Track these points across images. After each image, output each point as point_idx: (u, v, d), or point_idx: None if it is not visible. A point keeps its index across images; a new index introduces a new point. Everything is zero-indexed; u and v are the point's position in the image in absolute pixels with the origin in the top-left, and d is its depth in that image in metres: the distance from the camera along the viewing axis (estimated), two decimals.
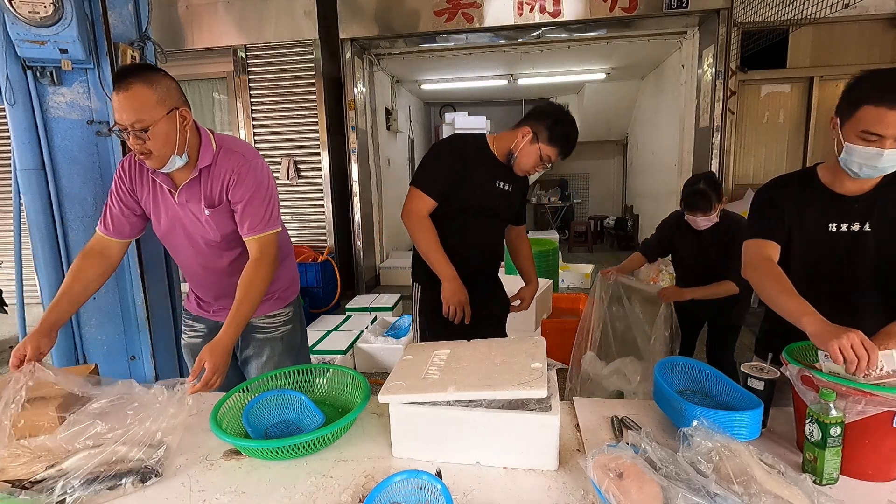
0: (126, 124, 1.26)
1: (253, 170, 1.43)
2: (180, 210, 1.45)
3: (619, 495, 0.83)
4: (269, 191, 1.47)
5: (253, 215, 1.43)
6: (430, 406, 1.07)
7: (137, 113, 1.26)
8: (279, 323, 1.67)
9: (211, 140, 1.44)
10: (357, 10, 4.88)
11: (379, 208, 6.11)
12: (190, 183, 1.42)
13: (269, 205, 1.46)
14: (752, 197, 1.52)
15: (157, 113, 1.28)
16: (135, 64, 1.32)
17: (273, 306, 1.65)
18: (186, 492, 1.02)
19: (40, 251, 1.95)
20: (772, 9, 4.09)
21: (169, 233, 1.51)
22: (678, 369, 1.31)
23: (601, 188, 9.84)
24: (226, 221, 1.47)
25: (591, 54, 6.11)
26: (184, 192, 1.43)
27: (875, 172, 1.26)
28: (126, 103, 1.25)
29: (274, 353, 1.66)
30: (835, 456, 0.95)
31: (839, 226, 1.35)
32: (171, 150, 1.33)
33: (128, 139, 1.30)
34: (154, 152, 1.31)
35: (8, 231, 5.60)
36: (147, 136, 1.28)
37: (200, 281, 1.59)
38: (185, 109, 1.36)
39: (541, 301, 2.60)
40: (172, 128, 1.32)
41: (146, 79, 1.27)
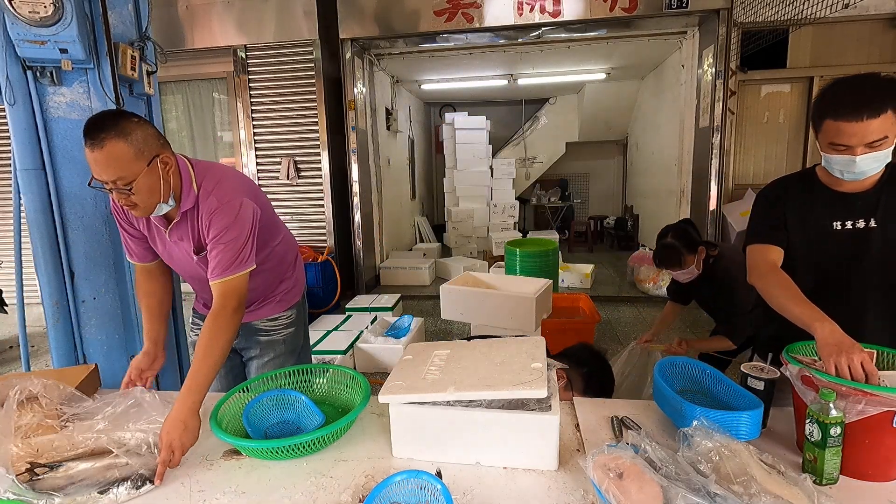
0: (107, 181, 1.20)
1: (224, 213, 1.34)
2: (174, 246, 1.45)
3: (619, 495, 0.83)
4: (240, 232, 1.35)
5: (219, 259, 1.32)
6: (430, 406, 1.07)
7: (117, 171, 1.19)
8: (281, 326, 1.67)
9: (192, 181, 1.36)
10: (357, 10, 4.88)
11: (379, 208, 6.11)
12: (179, 223, 1.39)
13: (238, 248, 1.34)
14: (754, 199, 1.52)
15: (137, 167, 1.21)
16: (104, 113, 1.22)
17: (276, 309, 1.65)
18: (186, 492, 1.02)
19: (40, 251, 1.95)
20: (772, 9, 4.09)
21: (168, 259, 1.52)
22: (678, 369, 1.31)
23: (601, 188, 9.85)
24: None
25: (591, 54, 6.11)
26: (174, 231, 1.41)
27: (859, 175, 1.27)
28: (103, 162, 1.17)
29: (276, 355, 1.67)
30: (835, 456, 0.95)
31: (844, 223, 1.35)
32: (156, 199, 1.29)
33: (110, 194, 1.25)
34: (140, 204, 1.26)
35: (8, 231, 5.60)
36: (130, 191, 1.22)
37: (205, 294, 1.58)
38: (165, 155, 1.29)
39: (541, 301, 2.60)
40: (155, 178, 1.26)
41: (120, 132, 1.18)
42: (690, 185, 5.26)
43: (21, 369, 2.50)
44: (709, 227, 4.86)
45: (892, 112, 1.16)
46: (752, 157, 5.12)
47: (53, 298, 1.97)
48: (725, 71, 4.53)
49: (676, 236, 2.15)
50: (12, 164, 1.95)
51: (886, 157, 1.23)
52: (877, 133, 1.17)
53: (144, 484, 1.02)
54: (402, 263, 6.12)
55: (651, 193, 7.23)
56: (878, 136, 1.18)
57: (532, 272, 4.04)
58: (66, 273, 1.98)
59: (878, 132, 1.17)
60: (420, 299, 5.46)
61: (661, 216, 6.56)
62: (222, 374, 1.71)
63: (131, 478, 1.02)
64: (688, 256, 2.13)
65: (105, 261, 2.03)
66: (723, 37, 4.48)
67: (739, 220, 4.81)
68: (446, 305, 2.83)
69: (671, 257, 2.13)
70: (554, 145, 9.05)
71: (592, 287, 5.63)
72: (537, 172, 9.24)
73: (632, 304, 5.06)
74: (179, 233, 1.41)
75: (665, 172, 6.29)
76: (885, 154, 1.21)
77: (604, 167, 9.75)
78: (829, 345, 1.05)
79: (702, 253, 2.16)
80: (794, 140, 5.03)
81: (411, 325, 3.75)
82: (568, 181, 9.62)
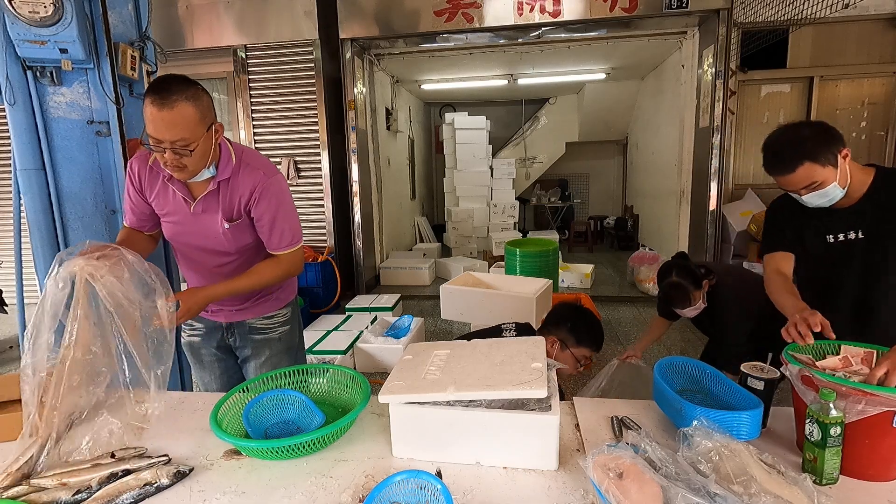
0: (166, 140, 1.23)
1: (276, 186, 1.43)
2: (194, 219, 1.44)
3: (619, 495, 0.83)
4: (292, 206, 1.49)
5: (282, 232, 1.46)
6: (430, 406, 1.07)
7: (182, 132, 1.23)
8: (277, 324, 1.68)
9: (231, 152, 1.42)
10: (357, 10, 4.88)
11: (379, 208, 6.11)
12: (208, 195, 1.41)
13: (295, 221, 1.49)
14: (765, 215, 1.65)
15: (199, 131, 1.26)
16: (173, 76, 1.26)
17: (271, 307, 1.66)
18: (186, 491, 1.02)
19: (40, 251, 1.95)
20: (772, 9, 4.09)
21: (178, 237, 1.51)
22: (678, 369, 1.31)
23: (601, 188, 9.85)
24: (243, 235, 1.48)
25: (591, 54, 6.11)
26: (201, 202, 1.42)
27: (822, 204, 1.42)
28: (170, 121, 1.21)
29: (272, 353, 1.67)
30: (835, 456, 0.95)
31: (836, 236, 1.47)
32: (205, 163, 1.34)
33: (161, 153, 1.26)
34: (190, 167, 1.30)
35: (8, 231, 5.60)
36: (188, 153, 1.26)
37: (203, 283, 1.57)
38: (219, 124, 1.35)
39: (541, 301, 2.60)
40: (209, 144, 1.31)
41: (190, 96, 1.24)
42: (690, 185, 5.26)
43: None
44: (709, 227, 4.86)
45: (811, 162, 1.33)
46: (752, 157, 5.12)
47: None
48: (725, 71, 4.53)
49: (681, 275, 2.10)
50: (12, 164, 1.95)
51: (834, 191, 1.37)
52: (803, 181, 1.35)
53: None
54: (402, 263, 6.12)
55: (651, 193, 7.23)
56: (807, 183, 1.35)
57: (532, 272, 4.04)
58: None
59: (804, 180, 1.35)
60: (420, 299, 5.46)
61: (661, 216, 6.57)
62: (216, 375, 1.72)
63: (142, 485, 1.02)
64: (695, 293, 2.09)
65: None
66: (723, 37, 4.47)
67: (739, 220, 4.81)
68: (446, 305, 2.83)
69: (680, 297, 2.09)
70: (554, 145, 9.05)
71: (592, 287, 5.64)
72: (537, 172, 9.24)
73: (632, 304, 5.06)
74: (207, 203, 1.42)
75: (665, 172, 6.29)
76: (828, 191, 1.37)
77: (604, 167, 9.75)
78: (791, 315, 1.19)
79: (706, 286, 2.13)
80: None
81: (411, 325, 3.75)
82: (568, 181, 9.62)
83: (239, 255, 1.52)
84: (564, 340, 1.68)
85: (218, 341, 1.67)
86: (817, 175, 1.34)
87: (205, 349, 1.68)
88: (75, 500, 0.98)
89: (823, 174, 1.34)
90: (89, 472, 1.04)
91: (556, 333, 1.70)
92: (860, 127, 4.89)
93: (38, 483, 1.01)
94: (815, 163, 1.33)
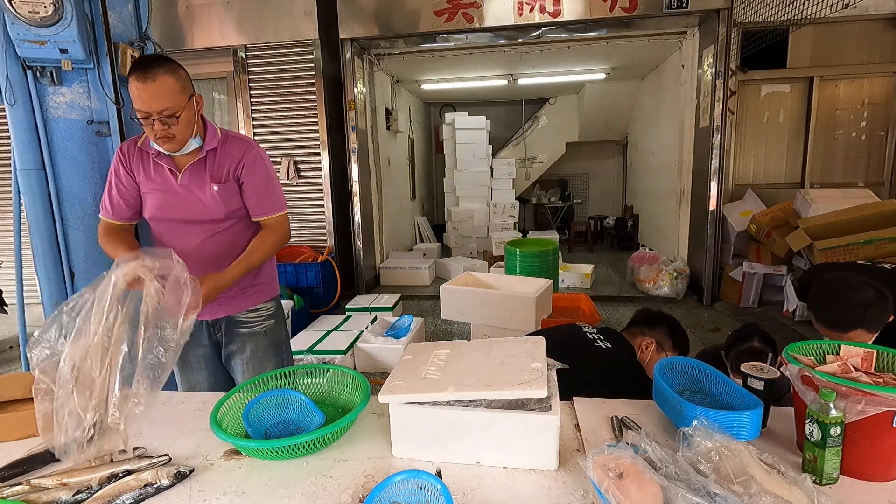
0: (153, 111, 1.34)
1: (261, 156, 1.57)
2: (181, 190, 1.51)
3: (619, 495, 0.83)
4: (275, 176, 1.62)
5: (269, 197, 1.56)
6: (430, 406, 1.07)
7: (166, 101, 1.35)
8: (262, 317, 1.70)
9: (216, 128, 1.54)
10: (357, 10, 4.88)
11: (379, 208, 6.11)
12: (195, 164, 1.50)
13: (280, 189, 1.62)
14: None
15: (181, 100, 1.38)
16: (153, 55, 1.43)
17: (255, 300, 1.68)
18: (186, 491, 1.02)
19: (40, 251, 1.95)
20: (772, 9, 4.09)
21: (163, 213, 1.54)
22: (678, 369, 1.31)
23: (601, 188, 9.85)
24: (231, 198, 1.55)
25: (591, 54, 6.11)
26: (187, 173, 1.50)
27: None
28: (154, 92, 1.33)
29: (258, 348, 1.68)
30: (835, 456, 0.95)
31: None
32: (190, 133, 1.44)
33: (150, 126, 1.37)
34: (177, 136, 1.41)
35: (8, 231, 5.60)
36: (175, 121, 1.37)
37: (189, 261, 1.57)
38: (198, 96, 1.47)
39: (541, 301, 2.60)
40: (192, 113, 1.43)
41: (169, 69, 1.36)
42: (690, 185, 5.26)
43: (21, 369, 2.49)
44: (709, 227, 4.86)
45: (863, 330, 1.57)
46: (752, 157, 5.12)
47: (53, 298, 1.97)
48: (725, 71, 4.53)
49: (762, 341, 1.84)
50: (12, 164, 1.95)
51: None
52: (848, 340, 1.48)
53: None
54: (402, 263, 6.12)
55: (651, 193, 7.23)
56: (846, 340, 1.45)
57: (532, 272, 4.04)
58: (66, 273, 1.99)
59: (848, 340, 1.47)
60: (420, 299, 5.46)
61: (661, 216, 6.57)
62: (205, 375, 1.71)
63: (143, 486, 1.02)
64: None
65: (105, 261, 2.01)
66: (723, 37, 4.48)
67: (739, 220, 4.81)
68: (446, 305, 2.83)
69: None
70: (554, 145, 9.05)
71: (592, 287, 5.63)
72: (537, 172, 9.24)
73: (632, 304, 5.06)
74: (194, 172, 1.51)
75: (665, 172, 6.30)
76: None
77: (604, 167, 9.75)
78: None
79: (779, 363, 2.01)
80: (794, 140, 5.03)
81: (411, 325, 3.75)
82: (568, 181, 9.63)
83: (228, 221, 1.57)
84: (661, 343, 1.73)
85: (204, 340, 1.68)
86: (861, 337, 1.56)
87: (191, 350, 1.67)
88: (75, 500, 0.98)
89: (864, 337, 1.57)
90: (89, 473, 1.04)
91: (654, 335, 1.75)
92: (860, 127, 4.89)
93: (38, 483, 1.01)
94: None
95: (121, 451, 1.12)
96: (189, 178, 1.51)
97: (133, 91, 1.34)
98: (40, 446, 1.14)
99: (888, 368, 1.10)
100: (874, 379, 1.05)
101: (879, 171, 4.96)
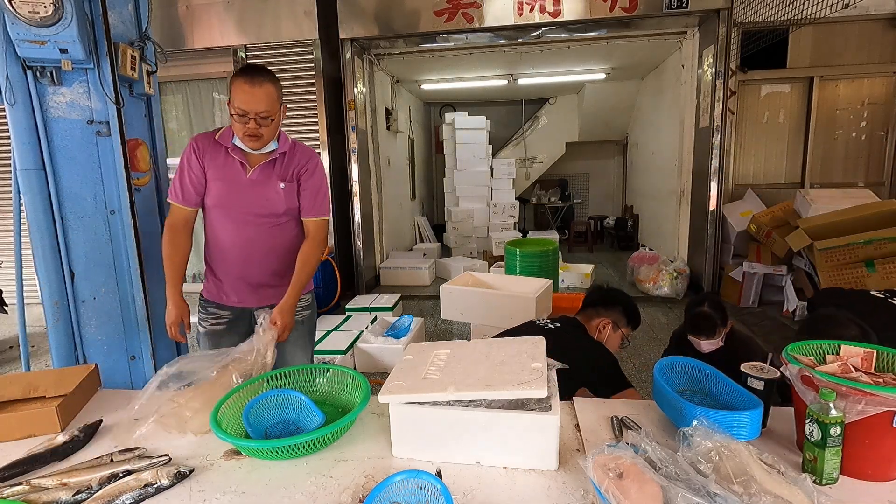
0: (252, 111, 1.54)
1: (321, 165, 1.80)
2: (249, 184, 1.68)
3: (619, 495, 0.83)
4: (328, 186, 1.85)
5: (321, 202, 1.77)
6: (430, 406, 1.07)
7: (265, 105, 1.55)
8: (301, 308, 1.82)
9: (286, 135, 1.75)
10: (357, 10, 4.88)
11: (379, 208, 6.11)
12: (266, 163, 1.69)
13: (328, 197, 1.82)
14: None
15: (276, 107, 1.59)
16: (259, 65, 1.62)
17: None
18: (186, 491, 1.02)
19: (40, 251, 1.95)
20: (772, 9, 4.09)
21: (226, 202, 1.69)
22: (678, 369, 1.31)
23: (601, 188, 9.84)
24: (292, 196, 1.74)
25: (591, 54, 6.11)
26: (258, 170, 1.68)
27: None
28: (260, 96, 1.54)
29: (298, 336, 1.82)
30: (835, 456, 0.95)
31: None
32: (273, 136, 1.65)
33: (244, 123, 1.56)
34: (264, 136, 1.60)
35: (8, 231, 5.60)
36: (267, 122, 1.57)
37: (240, 258, 1.74)
38: (285, 106, 1.68)
39: (541, 301, 2.60)
40: (279, 120, 1.64)
41: (273, 79, 1.58)
42: (690, 185, 5.26)
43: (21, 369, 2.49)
44: (709, 227, 4.86)
45: None
46: (752, 157, 5.12)
47: (53, 298, 1.97)
48: (725, 71, 4.53)
49: (713, 306, 2.14)
50: (12, 164, 1.95)
51: None
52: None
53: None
54: (402, 263, 6.12)
55: (651, 193, 7.23)
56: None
57: (532, 272, 4.03)
58: (66, 273, 1.99)
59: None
60: (420, 299, 5.46)
61: (661, 216, 6.57)
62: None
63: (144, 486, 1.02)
64: (720, 328, 2.13)
65: (105, 261, 2.03)
66: (723, 37, 4.48)
67: (739, 220, 4.81)
68: (446, 305, 2.83)
69: (708, 326, 2.13)
70: (554, 145, 9.05)
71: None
72: (537, 172, 9.24)
73: None
74: (264, 171, 1.69)
75: (665, 172, 6.29)
76: None
77: (604, 167, 9.75)
78: None
79: (729, 327, 2.18)
80: (794, 140, 5.03)
81: (411, 325, 3.75)
82: (568, 181, 9.62)
83: (284, 217, 1.75)
84: (617, 322, 1.81)
85: (244, 327, 1.79)
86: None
87: (227, 337, 1.78)
88: (75, 500, 0.98)
89: None
90: (89, 473, 1.04)
91: (609, 315, 1.82)
92: (860, 127, 4.89)
93: (38, 483, 1.01)
94: None
95: (121, 450, 1.12)
96: (259, 175, 1.68)
97: (238, 91, 1.53)
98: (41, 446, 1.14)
99: (888, 368, 1.10)
100: (874, 379, 1.05)
101: (879, 171, 4.96)
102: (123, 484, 1.00)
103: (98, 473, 1.03)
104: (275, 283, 1.78)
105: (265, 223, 1.72)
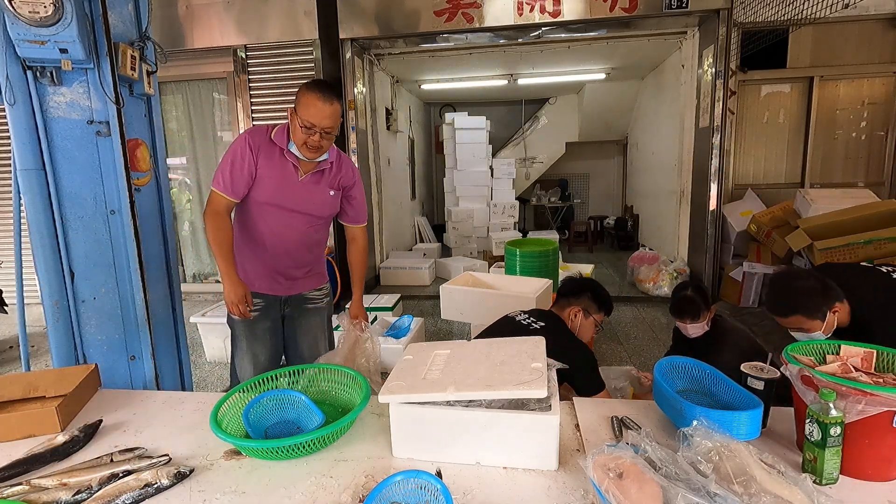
0: (319, 126, 1.68)
1: (360, 176, 2.02)
2: (300, 185, 1.84)
3: (619, 495, 0.83)
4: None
5: (364, 210, 2.06)
6: (430, 406, 1.07)
7: (332, 122, 1.70)
8: (323, 295, 2.09)
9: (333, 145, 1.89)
10: (357, 10, 4.88)
11: (379, 208, 6.10)
12: (317, 171, 1.86)
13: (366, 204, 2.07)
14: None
15: (338, 124, 1.75)
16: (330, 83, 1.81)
17: (319, 280, 2.07)
18: (186, 491, 1.02)
19: (40, 251, 1.95)
20: (772, 9, 4.09)
21: (279, 199, 1.83)
22: (678, 369, 1.31)
23: (601, 188, 9.84)
24: (336, 203, 1.97)
25: (591, 54, 6.11)
26: (310, 175, 1.85)
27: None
28: (330, 114, 1.69)
29: (321, 320, 2.07)
30: (835, 456, 0.95)
31: None
32: (329, 147, 1.80)
33: (310, 134, 1.70)
34: (324, 147, 1.77)
35: (8, 231, 5.60)
36: (330, 137, 1.74)
37: (278, 252, 1.89)
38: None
39: (541, 301, 2.60)
40: (336, 135, 1.78)
41: (339, 97, 1.74)
42: (690, 185, 5.26)
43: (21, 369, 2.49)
44: (709, 227, 4.86)
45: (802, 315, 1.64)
46: (752, 157, 5.12)
47: (53, 298, 1.97)
48: (725, 71, 4.53)
49: (696, 291, 2.28)
50: (12, 164, 1.95)
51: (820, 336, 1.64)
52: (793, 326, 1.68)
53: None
54: (402, 263, 6.12)
55: (651, 193, 7.23)
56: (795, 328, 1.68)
57: (532, 272, 4.03)
58: (66, 273, 1.98)
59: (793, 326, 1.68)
60: (420, 299, 5.46)
61: (661, 216, 6.57)
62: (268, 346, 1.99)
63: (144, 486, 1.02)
64: (703, 312, 2.24)
65: (105, 261, 2.03)
66: (723, 37, 4.47)
67: (739, 220, 4.81)
68: (446, 305, 2.83)
69: (692, 309, 2.24)
70: (554, 145, 9.04)
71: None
72: (537, 172, 9.23)
73: (632, 304, 5.06)
74: (315, 177, 1.87)
75: (665, 172, 6.29)
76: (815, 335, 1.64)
77: (604, 167, 9.75)
78: None
79: (713, 311, 2.30)
80: (794, 140, 5.03)
81: (411, 325, 3.75)
82: (568, 181, 9.62)
83: (327, 219, 1.98)
84: (587, 309, 1.88)
85: (275, 314, 1.98)
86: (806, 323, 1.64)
87: (261, 323, 1.94)
88: (75, 500, 0.98)
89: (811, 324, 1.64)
90: (89, 473, 1.04)
91: (578, 303, 1.90)
92: (860, 127, 4.89)
93: (38, 483, 1.01)
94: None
95: (121, 450, 1.12)
96: (309, 179, 1.85)
97: (309, 105, 1.67)
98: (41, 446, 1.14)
99: (888, 368, 1.11)
100: (874, 379, 1.05)
101: (879, 171, 4.96)
102: (123, 484, 1.00)
103: (98, 473, 1.03)
104: (302, 275, 1.99)
105: (313, 222, 1.92)
